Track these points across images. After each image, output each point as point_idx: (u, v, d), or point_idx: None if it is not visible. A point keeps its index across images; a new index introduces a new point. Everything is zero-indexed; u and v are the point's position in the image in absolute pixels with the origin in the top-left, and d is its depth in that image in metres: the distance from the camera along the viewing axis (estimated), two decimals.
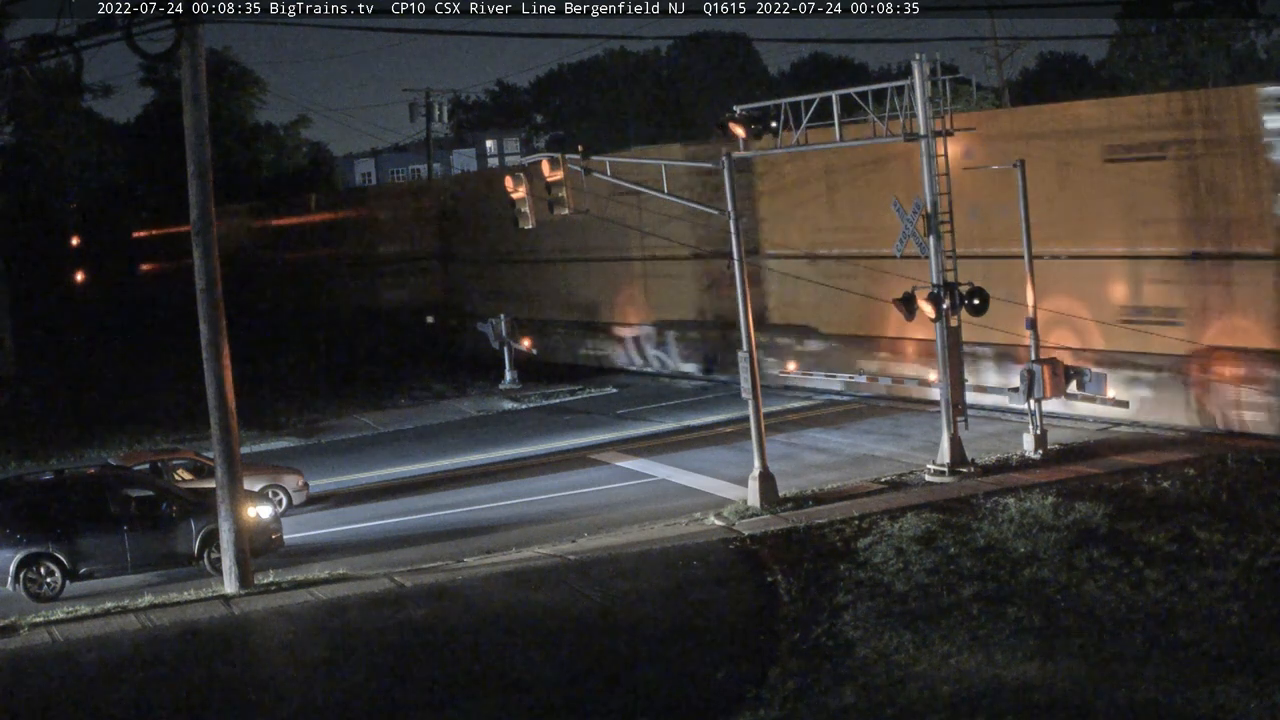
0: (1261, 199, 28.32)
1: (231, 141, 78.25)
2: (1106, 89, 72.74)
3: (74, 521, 25.03)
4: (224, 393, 24.06)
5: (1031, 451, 28.74)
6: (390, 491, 31.95)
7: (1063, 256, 31.40)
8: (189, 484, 28.47)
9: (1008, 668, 17.72)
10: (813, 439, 33.46)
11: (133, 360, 58.69)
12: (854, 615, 20.18)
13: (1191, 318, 29.60)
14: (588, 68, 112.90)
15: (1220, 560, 20.77)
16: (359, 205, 69.72)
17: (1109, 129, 31.17)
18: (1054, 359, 29.20)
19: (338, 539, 27.96)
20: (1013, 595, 20.28)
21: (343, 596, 23.06)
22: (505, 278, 52.75)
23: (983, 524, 23.84)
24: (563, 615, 21.50)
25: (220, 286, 24.08)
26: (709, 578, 22.91)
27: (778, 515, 26.11)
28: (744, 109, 29.06)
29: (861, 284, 34.47)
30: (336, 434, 40.07)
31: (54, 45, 23.87)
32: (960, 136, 28.68)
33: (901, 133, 27.74)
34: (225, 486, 24.05)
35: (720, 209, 28.00)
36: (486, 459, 34.79)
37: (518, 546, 25.73)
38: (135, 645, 21.36)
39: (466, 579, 23.68)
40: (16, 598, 24.50)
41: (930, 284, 27.57)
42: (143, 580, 25.27)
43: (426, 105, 75.17)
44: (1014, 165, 29.14)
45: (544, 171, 28.79)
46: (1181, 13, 68.22)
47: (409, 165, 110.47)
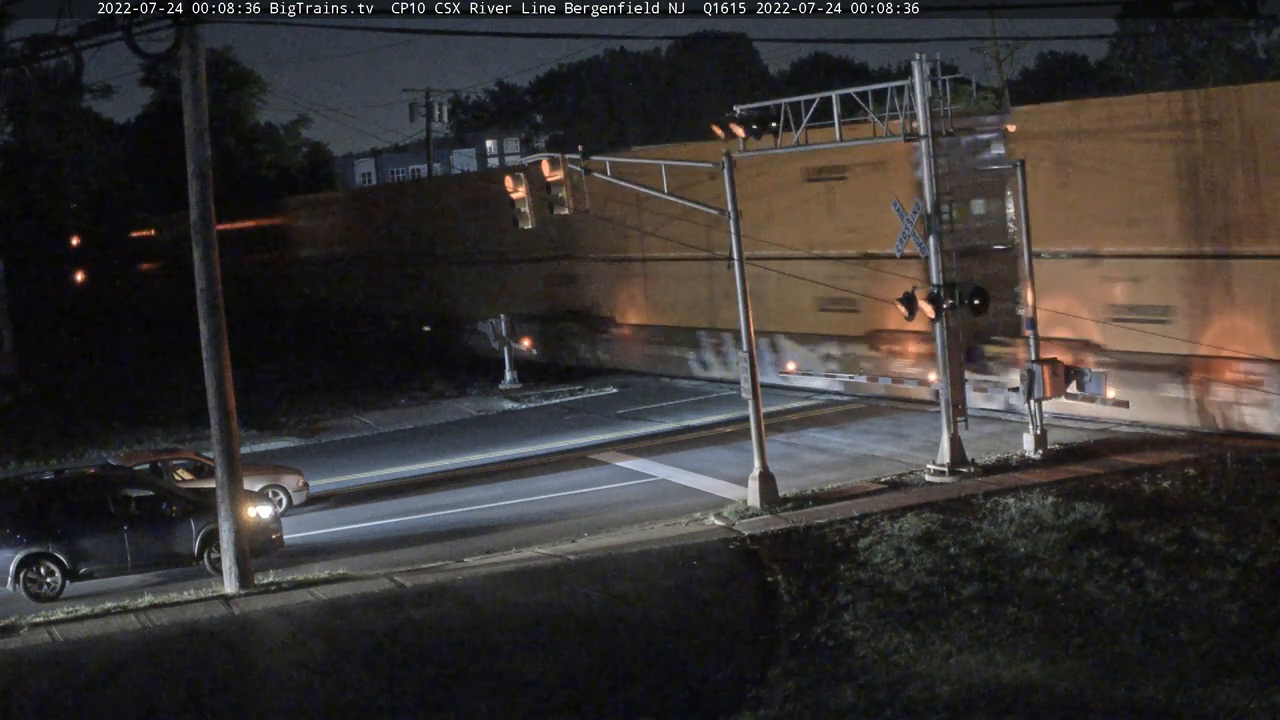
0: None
1: (231, 141, 78.29)
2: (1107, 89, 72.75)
3: (74, 521, 25.03)
4: (224, 393, 24.06)
5: (1031, 451, 28.74)
6: (390, 491, 31.95)
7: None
8: (189, 484, 28.46)
9: (1008, 668, 17.73)
10: (813, 439, 33.46)
11: (132, 360, 58.70)
12: (854, 615, 20.18)
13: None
14: (588, 68, 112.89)
15: (1220, 560, 20.77)
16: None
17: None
18: (1054, 359, 29.20)
19: (338, 539, 27.96)
20: (1013, 595, 20.28)
21: (343, 596, 23.05)
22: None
23: (983, 524, 23.85)
24: (563, 615, 21.50)
25: (220, 286, 24.09)
26: (709, 578, 22.91)
27: (778, 515, 26.11)
28: (744, 109, 29.05)
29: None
30: (336, 434, 40.06)
31: (54, 45, 23.86)
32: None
33: (901, 133, 27.74)
34: (225, 486, 24.05)
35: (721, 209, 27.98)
36: (486, 459, 34.79)
37: (518, 546, 25.72)
38: (135, 645, 21.35)
39: (466, 579, 23.67)
40: (16, 598, 24.49)
41: (930, 284, 27.59)
42: (143, 580, 25.26)
43: (426, 105, 75.20)
44: (1014, 165, 29.19)
45: (544, 171, 28.79)
46: (1181, 13, 68.26)
47: (409, 165, 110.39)
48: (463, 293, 55.52)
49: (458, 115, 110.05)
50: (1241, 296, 28.99)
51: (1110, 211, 31.03)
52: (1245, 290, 28.89)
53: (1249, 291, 28.82)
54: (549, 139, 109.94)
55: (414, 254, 59.01)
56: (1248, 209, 28.68)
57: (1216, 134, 29.09)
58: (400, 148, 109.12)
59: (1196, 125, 29.44)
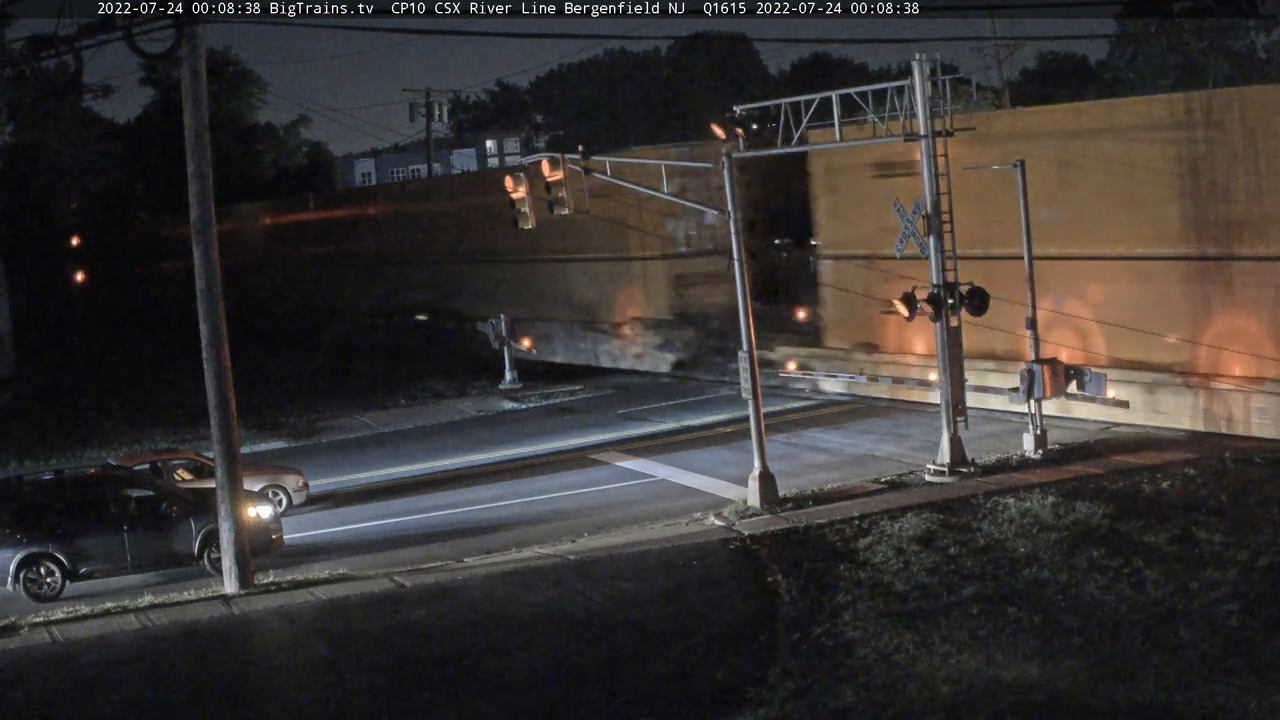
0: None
1: (231, 141, 78.26)
2: (1107, 89, 72.79)
3: (74, 521, 25.03)
4: (224, 393, 24.06)
5: (1031, 451, 28.73)
6: (390, 491, 31.94)
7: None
8: (189, 484, 28.46)
9: (1008, 668, 17.73)
10: (813, 439, 33.46)
11: (133, 360, 58.68)
12: (854, 615, 20.18)
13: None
14: (588, 68, 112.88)
15: (1220, 560, 20.77)
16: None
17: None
18: (1054, 358, 29.20)
19: (338, 539, 27.96)
20: (1013, 595, 20.28)
21: (343, 596, 23.05)
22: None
23: (983, 524, 23.84)
24: (563, 615, 21.49)
25: (220, 286, 24.09)
26: (709, 578, 22.90)
27: (778, 515, 26.10)
28: (744, 109, 29.05)
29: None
30: (336, 434, 40.05)
31: (54, 45, 23.86)
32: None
33: (901, 133, 27.74)
34: (225, 486, 24.05)
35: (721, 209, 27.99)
36: (486, 459, 34.78)
37: (518, 546, 25.72)
38: (135, 645, 21.36)
39: (466, 579, 23.67)
40: (16, 598, 24.49)
41: (930, 284, 27.59)
42: (143, 580, 25.26)
43: (426, 105, 75.25)
44: (1014, 165, 29.19)
45: (544, 171, 28.78)
46: (1181, 13, 68.30)
47: (409, 165, 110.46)
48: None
49: (458, 115, 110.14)
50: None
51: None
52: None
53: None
54: (549, 139, 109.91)
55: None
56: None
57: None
58: (400, 148, 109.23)
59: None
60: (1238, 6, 66.09)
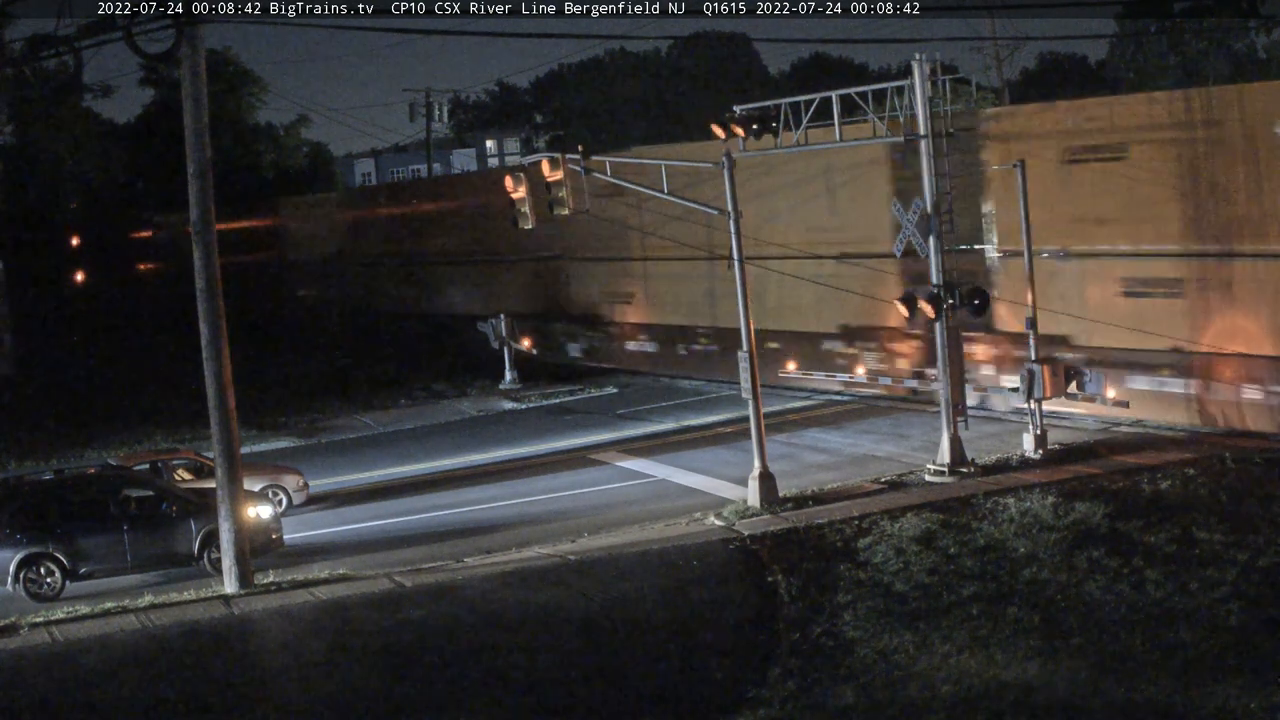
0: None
1: (231, 141, 78.24)
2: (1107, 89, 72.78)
3: (74, 521, 25.04)
4: (224, 393, 24.06)
5: (1031, 451, 28.73)
6: (390, 491, 31.95)
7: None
8: (189, 484, 28.46)
9: (1008, 668, 17.72)
10: (813, 439, 33.47)
11: (133, 360, 58.67)
12: (854, 615, 20.18)
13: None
14: (588, 68, 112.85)
15: (1220, 560, 20.77)
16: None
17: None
18: (1054, 358, 29.19)
19: (338, 539, 27.96)
20: (1013, 595, 20.28)
21: (343, 596, 23.06)
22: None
23: (983, 524, 23.85)
24: (563, 615, 21.50)
25: (220, 286, 24.09)
26: (709, 578, 22.91)
27: (778, 515, 26.10)
28: (744, 109, 29.04)
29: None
30: (336, 434, 40.05)
31: (54, 45, 23.89)
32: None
33: (902, 133, 27.74)
34: (225, 486, 24.05)
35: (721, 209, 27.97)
36: (486, 459, 34.78)
37: (518, 546, 25.73)
38: (135, 645, 21.37)
39: (466, 579, 23.68)
40: (16, 598, 24.49)
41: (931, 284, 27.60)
42: (143, 580, 25.26)
43: (426, 105, 75.25)
44: (1014, 165, 29.18)
45: (544, 171, 28.77)
46: (1181, 13, 68.33)
47: (409, 165, 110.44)
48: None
49: (458, 115, 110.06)
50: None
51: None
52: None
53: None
54: (549, 139, 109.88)
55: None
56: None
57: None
58: (400, 148, 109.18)
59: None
60: (1238, 6, 66.08)
